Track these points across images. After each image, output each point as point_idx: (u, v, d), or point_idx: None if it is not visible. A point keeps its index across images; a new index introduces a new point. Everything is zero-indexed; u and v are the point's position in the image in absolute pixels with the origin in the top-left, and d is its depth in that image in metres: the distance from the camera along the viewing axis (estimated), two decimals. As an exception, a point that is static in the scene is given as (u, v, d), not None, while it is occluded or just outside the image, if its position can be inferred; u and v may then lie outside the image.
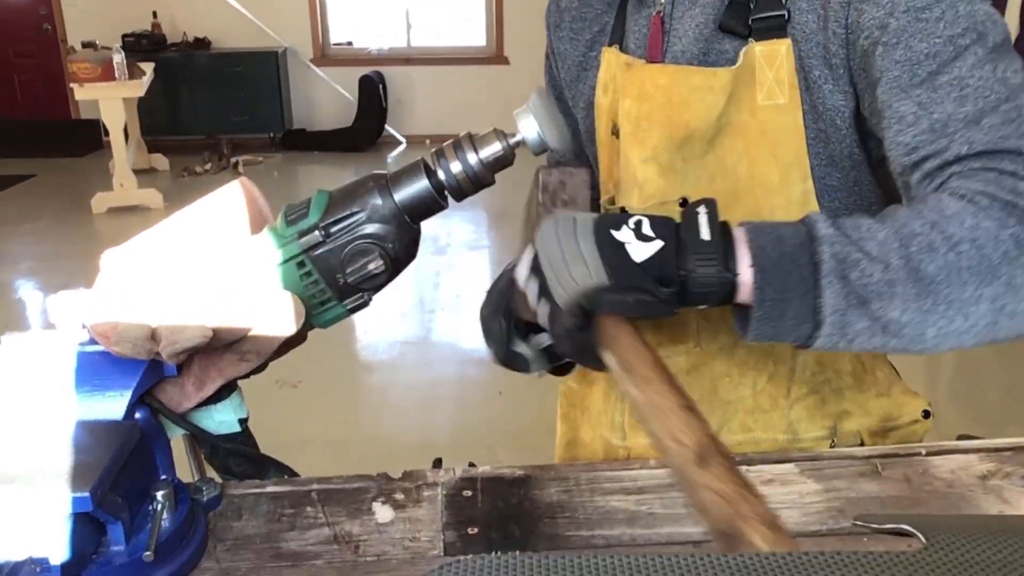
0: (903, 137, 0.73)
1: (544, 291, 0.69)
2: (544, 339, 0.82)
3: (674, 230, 0.68)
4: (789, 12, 0.79)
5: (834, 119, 0.81)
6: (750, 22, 0.81)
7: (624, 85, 0.88)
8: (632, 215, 0.69)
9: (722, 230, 0.68)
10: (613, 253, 0.66)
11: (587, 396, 1.06)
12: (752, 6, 0.81)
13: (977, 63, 0.70)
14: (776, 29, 0.80)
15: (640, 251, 0.66)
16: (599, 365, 0.69)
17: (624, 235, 0.67)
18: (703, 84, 0.82)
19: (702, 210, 0.68)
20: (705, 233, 0.67)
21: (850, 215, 0.71)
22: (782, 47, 0.79)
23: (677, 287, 0.67)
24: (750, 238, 0.67)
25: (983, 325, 0.66)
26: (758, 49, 0.80)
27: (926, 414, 0.97)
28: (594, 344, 0.68)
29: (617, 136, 0.90)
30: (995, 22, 0.72)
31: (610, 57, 0.92)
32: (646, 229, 0.67)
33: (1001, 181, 0.67)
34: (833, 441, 0.94)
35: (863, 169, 0.85)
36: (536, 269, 0.70)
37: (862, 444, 0.95)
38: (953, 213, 0.66)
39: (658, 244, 0.67)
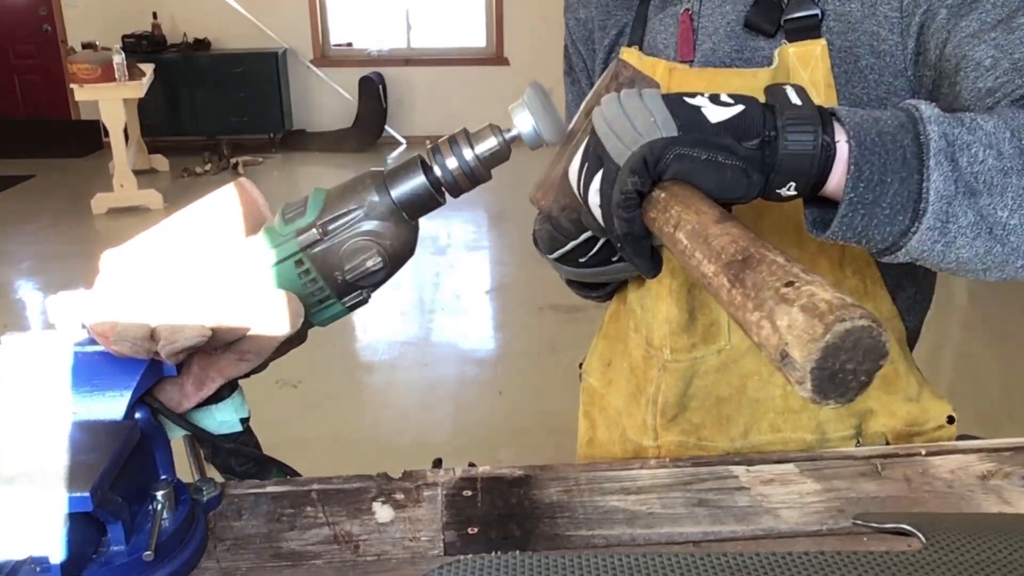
0: (983, 83, 0.70)
1: (599, 163, 0.62)
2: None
3: (757, 100, 0.61)
4: (823, 12, 0.78)
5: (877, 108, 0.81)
6: (782, 22, 0.80)
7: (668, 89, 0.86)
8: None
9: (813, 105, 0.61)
10: (685, 111, 0.59)
11: (605, 396, 1.07)
12: (784, 5, 0.80)
13: None
14: (810, 29, 0.78)
15: (717, 113, 0.59)
16: (649, 261, 0.63)
17: (698, 100, 0.61)
18: (744, 86, 0.80)
19: (789, 86, 0.61)
20: (795, 99, 0.60)
21: None
22: (816, 48, 0.78)
23: (759, 147, 0.59)
24: (844, 114, 0.59)
25: None
26: (792, 50, 0.79)
27: (950, 419, 0.95)
28: (648, 227, 0.61)
29: None
30: None
31: (630, 58, 0.91)
32: (724, 98, 0.61)
33: None
34: (859, 441, 0.93)
35: None
36: (592, 151, 0.63)
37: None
38: None
39: (738, 108, 0.59)
